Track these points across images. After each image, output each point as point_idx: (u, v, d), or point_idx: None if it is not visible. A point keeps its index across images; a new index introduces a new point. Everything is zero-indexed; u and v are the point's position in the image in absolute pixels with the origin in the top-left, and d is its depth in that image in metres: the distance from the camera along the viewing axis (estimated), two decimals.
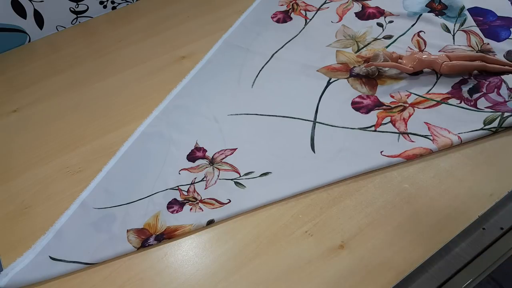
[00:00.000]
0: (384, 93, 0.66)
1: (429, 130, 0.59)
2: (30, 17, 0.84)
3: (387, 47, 0.74)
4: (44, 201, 0.57)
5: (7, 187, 0.60)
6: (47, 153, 0.64)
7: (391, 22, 0.78)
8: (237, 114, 0.65)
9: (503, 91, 0.62)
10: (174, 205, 0.54)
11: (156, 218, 0.53)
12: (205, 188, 0.56)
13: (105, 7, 0.93)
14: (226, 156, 0.60)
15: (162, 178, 0.58)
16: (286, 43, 0.77)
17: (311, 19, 0.82)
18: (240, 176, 0.57)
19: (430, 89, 0.65)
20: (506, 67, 0.65)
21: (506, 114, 0.58)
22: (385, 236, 0.49)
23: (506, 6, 0.77)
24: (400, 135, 0.59)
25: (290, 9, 0.85)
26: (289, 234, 0.51)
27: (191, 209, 0.54)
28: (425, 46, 0.72)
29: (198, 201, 0.54)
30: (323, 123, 0.62)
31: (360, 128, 0.61)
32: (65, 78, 0.77)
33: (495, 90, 0.63)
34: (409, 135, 0.59)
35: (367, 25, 0.78)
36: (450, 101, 0.63)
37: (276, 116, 0.64)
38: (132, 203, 0.55)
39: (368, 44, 0.75)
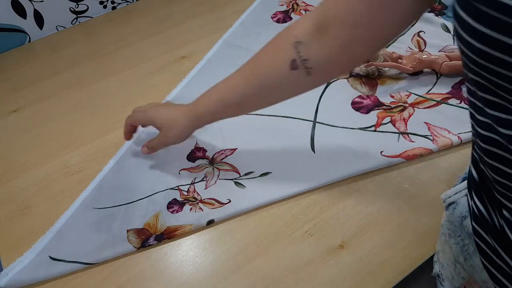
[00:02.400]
0: (384, 93, 0.66)
1: (429, 130, 0.59)
2: (30, 17, 0.84)
3: (387, 47, 0.74)
4: (44, 201, 0.57)
5: (7, 187, 0.60)
6: (47, 153, 0.64)
7: None
8: None
9: None
10: (174, 205, 0.54)
11: (156, 218, 0.53)
12: (205, 188, 0.56)
13: (105, 7, 0.93)
14: (226, 156, 0.60)
15: (162, 178, 0.58)
16: None
17: None
18: (240, 176, 0.57)
19: (430, 89, 0.65)
20: None
21: None
22: (385, 236, 0.49)
23: None
24: (400, 135, 0.59)
25: (290, 9, 0.85)
26: (289, 234, 0.51)
27: (191, 209, 0.54)
28: (425, 46, 0.72)
29: (198, 201, 0.54)
30: (323, 123, 0.62)
31: (360, 128, 0.61)
32: (65, 78, 0.77)
33: None
34: (409, 135, 0.59)
35: None
36: (450, 101, 0.63)
37: (276, 116, 0.64)
38: (132, 203, 0.55)
39: None
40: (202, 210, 0.53)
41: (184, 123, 0.54)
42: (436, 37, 0.73)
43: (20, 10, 0.82)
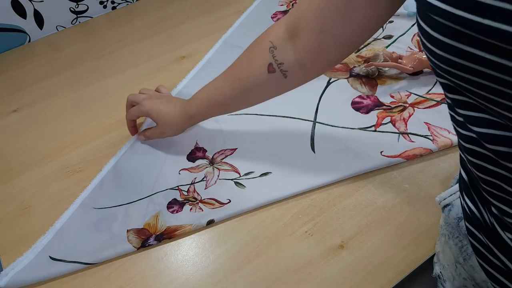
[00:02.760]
0: (384, 93, 0.66)
1: (429, 130, 0.59)
2: (30, 17, 0.84)
3: (387, 47, 0.74)
4: (44, 201, 0.57)
5: (7, 187, 0.60)
6: (47, 153, 0.64)
7: (391, 22, 0.78)
8: (237, 114, 0.65)
9: None
10: (174, 205, 0.54)
11: (156, 218, 0.53)
12: (205, 188, 0.56)
13: (105, 7, 0.93)
14: (226, 156, 0.60)
15: (162, 178, 0.58)
16: None
17: None
18: (240, 176, 0.57)
19: (430, 89, 0.65)
20: None
21: None
22: (385, 236, 0.49)
23: None
24: (400, 135, 0.59)
25: (290, 9, 0.85)
26: (289, 234, 0.51)
27: (191, 209, 0.54)
28: None
29: (198, 201, 0.54)
30: (323, 123, 0.62)
31: (360, 128, 0.61)
32: (65, 78, 0.77)
33: None
34: (409, 135, 0.59)
35: None
36: None
37: (276, 116, 0.64)
38: (132, 203, 0.55)
39: (368, 44, 0.75)
40: (202, 210, 0.53)
41: (180, 122, 0.59)
42: None
43: (20, 10, 0.82)
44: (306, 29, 0.43)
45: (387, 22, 0.78)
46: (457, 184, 0.42)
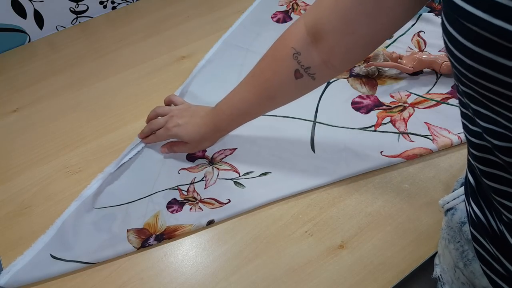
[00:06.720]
0: (384, 93, 0.66)
1: (429, 130, 0.59)
2: (30, 17, 0.84)
3: (387, 47, 0.74)
4: (44, 201, 0.57)
5: (7, 187, 0.60)
6: (47, 153, 0.64)
7: None
8: None
9: None
10: (174, 205, 0.54)
11: (156, 218, 0.53)
12: (205, 188, 0.56)
13: (105, 7, 0.93)
14: (225, 156, 0.60)
15: (161, 177, 0.58)
16: None
17: None
18: (239, 176, 0.57)
19: (430, 89, 0.65)
20: None
21: None
22: (385, 236, 0.49)
23: None
24: (400, 135, 0.59)
25: (290, 9, 0.85)
26: (289, 234, 0.51)
27: (190, 208, 0.54)
28: (425, 46, 0.72)
29: (197, 200, 0.54)
30: (323, 123, 0.62)
31: (360, 128, 0.61)
32: (65, 78, 0.77)
33: None
34: (409, 135, 0.59)
35: None
36: (450, 101, 0.63)
37: (276, 116, 0.64)
38: (132, 203, 0.55)
39: None
40: (202, 210, 0.53)
41: (211, 137, 0.59)
42: (436, 37, 0.73)
43: (20, 10, 0.82)
44: (332, 31, 0.42)
45: None
46: (461, 188, 0.41)
